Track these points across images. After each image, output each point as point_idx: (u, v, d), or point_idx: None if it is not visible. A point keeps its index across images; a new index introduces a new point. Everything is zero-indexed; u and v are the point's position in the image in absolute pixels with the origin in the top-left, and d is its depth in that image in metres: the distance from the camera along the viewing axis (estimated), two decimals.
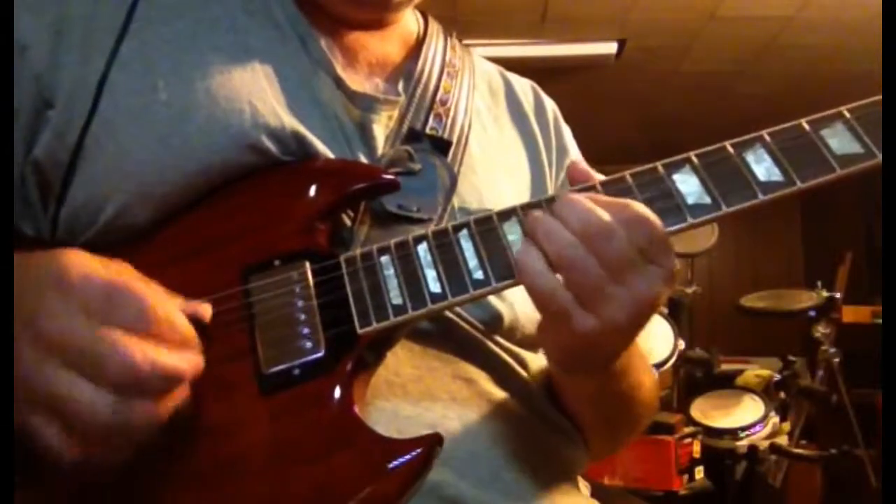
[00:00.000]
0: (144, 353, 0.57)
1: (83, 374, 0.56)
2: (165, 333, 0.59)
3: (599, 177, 0.71)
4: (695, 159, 0.69)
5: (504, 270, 0.67)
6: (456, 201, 0.81)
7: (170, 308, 0.60)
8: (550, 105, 1.03)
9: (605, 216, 0.64)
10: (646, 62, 4.84)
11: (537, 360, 0.85)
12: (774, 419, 3.32)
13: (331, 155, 0.77)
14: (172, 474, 0.64)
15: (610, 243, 0.63)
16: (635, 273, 0.64)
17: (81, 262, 0.59)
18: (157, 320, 0.58)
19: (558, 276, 0.64)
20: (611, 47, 4.59)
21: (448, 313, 0.76)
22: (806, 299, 3.76)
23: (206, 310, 0.64)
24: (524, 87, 1.02)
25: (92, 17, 0.77)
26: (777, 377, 3.54)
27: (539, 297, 0.65)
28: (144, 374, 0.56)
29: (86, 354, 0.56)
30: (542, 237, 0.64)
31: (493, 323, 0.80)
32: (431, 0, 0.92)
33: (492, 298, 0.79)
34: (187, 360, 0.60)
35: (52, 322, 0.57)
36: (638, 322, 0.67)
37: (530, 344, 0.84)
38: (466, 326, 0.78)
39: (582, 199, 0.65)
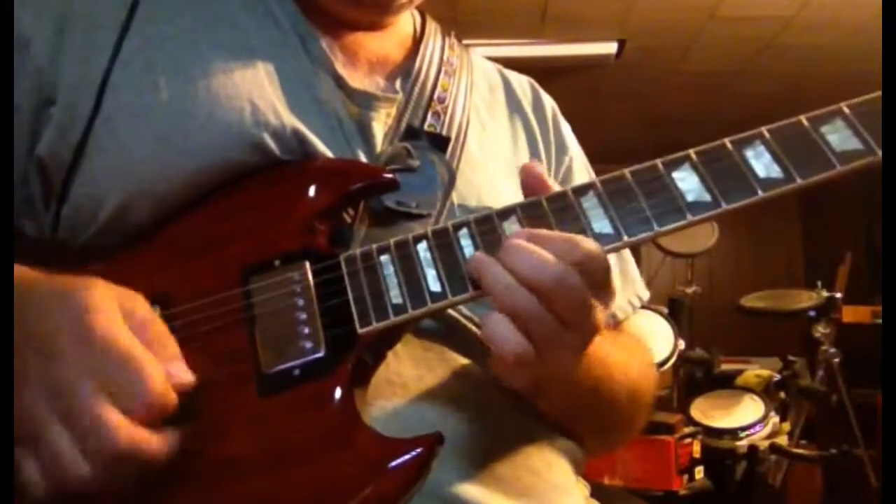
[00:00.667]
0: (130, 436, 0.58)
1: (70, 432, 0.57)
2: (157, 411, 0.59)
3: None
4: (694, 157, 0.68)
5: None
6: (454, 197, 0.81)
7: (167, 389, 0.60)
8: (549, 102, 1.03)
9: (556, 263, 0.62)
10: (646, 62, 4.84)
11: None
12: (774, 419, 3.32)
13: (330, 153, 0.77)
14: (172, 474, 0.64)
15: (565, 291, 0.62)
16: (588, 313, 0.64)
17: (107, 318, 0.60)
18: (153, 403, 0.59)
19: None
20: (611, 47, 4.59)
21: (449, 312, 0.76)
22: (806, 299, 3.76)
23: (189, 380, 0.63)
24: (522, 83, 1.03)
25: (93, 14, 0.78)
26: (777, 377, 3.54)
27: (514, 313, 0.63)
28: (125, 459, 0.58)
29: (79, 419, 0.57)
30: (497, 290, 0.63)
31: None
32: (431, 0, 0.92)
33: None
34: (169, 442, 0.61)
35: (64, 378, 0.58)
36: (586, 348, 0.67)
37: None
38: (467, 325, 0.78)
39: (527, 245, 0.63)
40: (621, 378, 0.83)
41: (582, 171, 1.00)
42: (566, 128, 1.02)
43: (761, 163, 0.67)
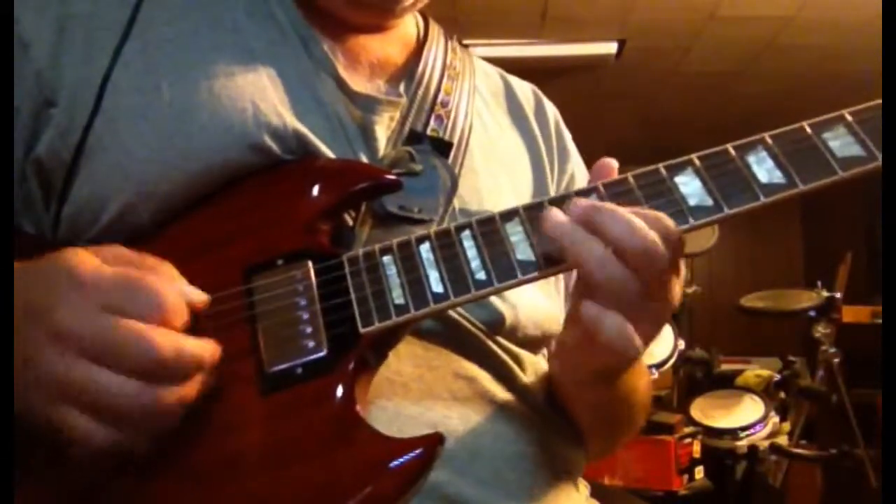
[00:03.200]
0: (167, 339, 0.58)
1: (107, 364, 0.57)
2: (177, 320, 0.60)
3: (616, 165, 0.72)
4: (697, 161, 0.69)
5: (506, 271, 0.67)
6: (457, 202, 0.82)
7: (177, 295, 0.61)
8: (552, 109, 1.03)
9: (649, 230, 0.63)
10: (646, 62, 4.84)
11: (538, 361, 0.85)
12: (774, 419, 3.32)
13: (332, 155, 0.77)
14: (174, 473, 0.64)
15: (654, 259, 0.63)
16: (669, 288, 0.66)
17: (88, 259, 0.61)
18: (171, 308, 0.60)
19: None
20: (611, 47, 4.59)
21: (450, 313, 0.76)
22: (806, 299, 3.76)
23: (201, 298, 0.65)
24: (525, 89, 1.03)
25: (94, 15, 0.78)
26: (777, 377, 3.54)
27: (607, 285, 0.63)
28: (170, 359, 0.58)
29: (108, 346, 0.57)
30: (591, 263, 0.63)
31: (495, 323, 0.80)
32: (431, 0, 0.92)
33: (494, 299, 0.79)
34: (206, 345, 0.61)
35: (69, 317, 0.58)
36: (663, 324, 0.69)
37: (531, 345, 0.84)
38: (468, 326, 0.79)
39: (623, 211, 0.64)
40: (637, 388, 0.85)
41: (583, 181, 1.00)
42: (568, 137, 1.02)
43: (763, 168, 0.68)
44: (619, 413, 0.86)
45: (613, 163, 0.71)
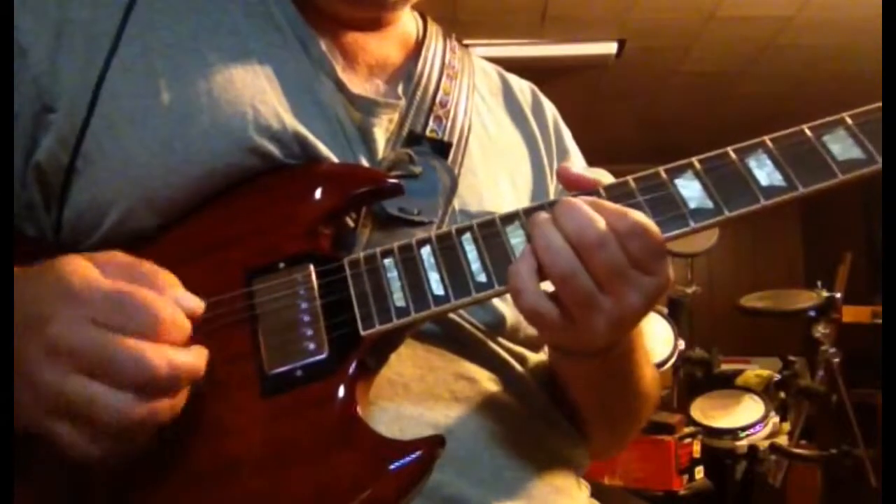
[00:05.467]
0: (160, 353, 0.58)
1: (100, 379, 0.57)
2: (172, 334, 0.60)
3: (607, 176, 0.71)
4: (697, 164, 0.69)
5: (507, 273, 0.67)
6: (456, 203, 0.82)
7: (174, 308, 0.61)
8: (550, 107, 1.03)
9: (601, 225, 0.64)
10: (646, 62, 4.84)
11: (540, 361, 0.85)
12: (774, 419, 3.32)
13: (333, 157, 0.77)
14: (174, 475, 0.64)
15: (602, 253, 0.64)
16: (626, 284, 0.65)
17: (81, 270, 0.60)
18: (163, 321, 0.59)
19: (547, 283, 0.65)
20: (611, 47, 4.59)
21: (452, 314, 0.77)
22: (806, 299, 3.76)
23: (198, 305, 0.64)
24: (523, 88, 1.03)
25: (93, 21, 0.78)
26: (777, 377, 3.54)
27: (526, 314, 0.66)
28: (163, 373, 0.58)
29: (101, 361, 0.57)
30: (540, 247, 0.65)
31: (497, 324, 0.80)
32: (431, 0, 0.92)
33: (495, 300, 0.79)
34: (198, 355, 0.61)
35: (62, 332, 0.58)
36: (626, 326, 0.69)
37: (532, 344, 0.85)
38: (469, 327, 0.79)
39: (581, 204, 0.65)
40: (641, 372, 0.85)
41: None
42: (567, 134, 1.02)
43: (764, 171, 0.68)
44: (618, 395, 0.85)
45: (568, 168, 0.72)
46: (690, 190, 0.68)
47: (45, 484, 0.65)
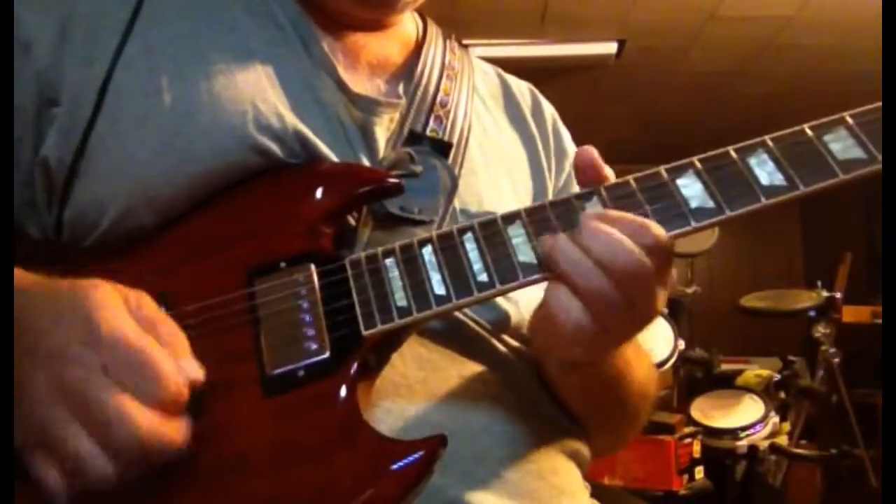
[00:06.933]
0: (151, 426, 0.58)
1: (91, 431, 0.57)
2: (171, 407, 0.60)
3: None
4: (698, 164, 0.69)
5: (508, 273, 0.67)
6: (457, 203, 0.82)
7: (179, 384, 0.60)
8: (549, 108, 1.03)
9: (632, 246, 0.64)
10: (646, 62, 4.84)
11: None
12: (774, 419, 3.32)
13: (333, 157, 0.77)
14: (175, 475, 0.64)
15: (638, 275, 0.64)
16: (652, 297, 0.66)
17: (113, 314, 0.60)
18: (168, 392, 0.59)
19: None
20: (611, 47, 4.59)
21: (454, 314, 0.77)
22: (806, 299, 3.76)
23: (199, 375, 0.63)
24: (522, 88, 1.03)
25: (96, 15, 0.78)
26: (777, 377, 3.54)
27: (590, 295, 0.65)
28: (148, 447, 0.58)
29: (98, 415, 0.57)
30: (568, 268, 0.65)
31: (500, 323, 0.80)
32: (431, 0, 0.92)
33: (498, 299, 0.79)
34: (184, 432, 0.61)
35: (74, 375, 0.58)
36: (634, 335, 0.71)
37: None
38: (473, 326, 0.79)
39: (605, 227, 0.65)
40: (637, 371, 0.85)
41: None
42: (566, 134, 1.02)
43: (765, 170, 0.68)
44: (611, 396, 0.85)
45: (592, 150, 0.71)
46: (691, 189, 0.68)
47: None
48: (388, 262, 0.69)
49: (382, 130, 0.82)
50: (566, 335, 0.66)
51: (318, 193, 0.74)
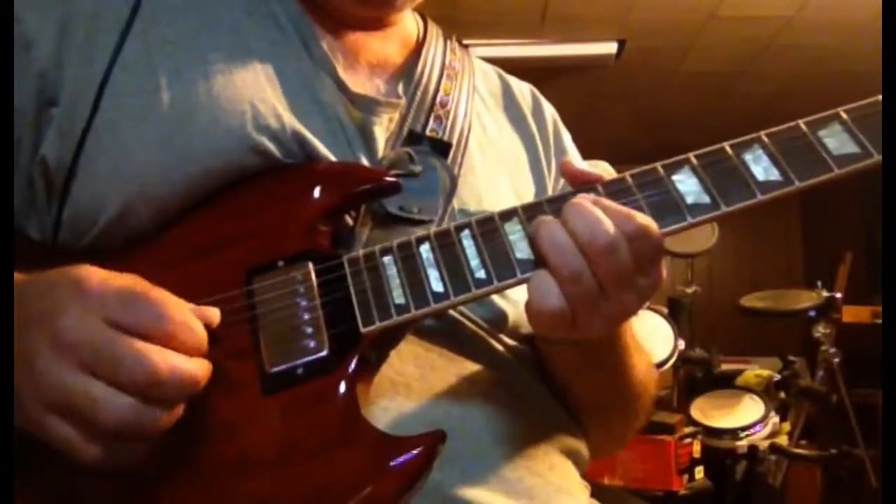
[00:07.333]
0: (164, 358, 0.58)
1: (101, 377, 0.57)
2: (182, 338, 0.60)
3: (607, 168, 0.72)
4: (694, 160, 0.69)
5: (506, 270, 0.67)
6: (456, 203, 0.82)
7: (186, 313, 0.61)
8: (549, 109, 1.03)
9: (611, 228, 0.64)
10: (646, 62, 4.84)
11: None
12: (774, 419, 3.32)
13: (332, 157, 0.77)
14: (176, 473, 0.64)
15: (610, 258, 0.64)
16: (627, 288, 0.66)
17: (97, 272, 0.61)
18: (175, 325, 0.59)
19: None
20: (611, 47, 4.59)
21: (452, 312, 0.77)
22: (806, 299, 3.76)
23: (214, 314, 0.65)
24: (522, 89, 1.03)
25: (95, 15, 0.78)
26: (777, 377, 3.53)
27: (561, 271, 0.65)
28: (164, 379, 0.57)
29: (105, 359, 0.57)
30: (548, 247, 0.65)
31: (498, 321, 0.81)
32: (431, 0, 0.92)
33: (495, 296, 0.79)
34: (202, 366, 0.61)
35: (70, 325, 0.58)
36: (618, 323, 0.71)
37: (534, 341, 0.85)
38: (470, 325, 0.79)
39: (590, 206, 0.66)
40: (634, 369, 0.85)
41: None
42: (566, 135, 1.02)
43: (760, 166, 0.68)
44: (608, 386, 0.85)
45: (567, 163, 0.74)
46: (687, 185, 0.68)
47: (46, 483, 0.65)
48: (386, 259, 0.69)
49: (382, 130, 0.82)
50: (542, 319, 0.67)
51: (316, 192, 0.74)
